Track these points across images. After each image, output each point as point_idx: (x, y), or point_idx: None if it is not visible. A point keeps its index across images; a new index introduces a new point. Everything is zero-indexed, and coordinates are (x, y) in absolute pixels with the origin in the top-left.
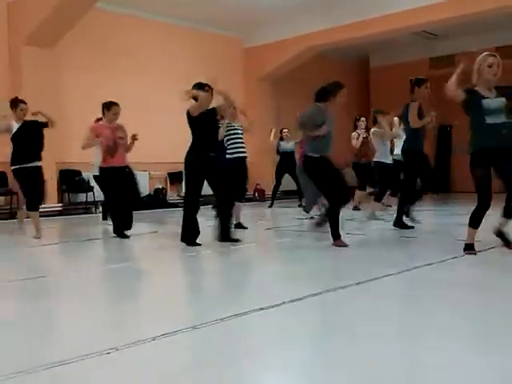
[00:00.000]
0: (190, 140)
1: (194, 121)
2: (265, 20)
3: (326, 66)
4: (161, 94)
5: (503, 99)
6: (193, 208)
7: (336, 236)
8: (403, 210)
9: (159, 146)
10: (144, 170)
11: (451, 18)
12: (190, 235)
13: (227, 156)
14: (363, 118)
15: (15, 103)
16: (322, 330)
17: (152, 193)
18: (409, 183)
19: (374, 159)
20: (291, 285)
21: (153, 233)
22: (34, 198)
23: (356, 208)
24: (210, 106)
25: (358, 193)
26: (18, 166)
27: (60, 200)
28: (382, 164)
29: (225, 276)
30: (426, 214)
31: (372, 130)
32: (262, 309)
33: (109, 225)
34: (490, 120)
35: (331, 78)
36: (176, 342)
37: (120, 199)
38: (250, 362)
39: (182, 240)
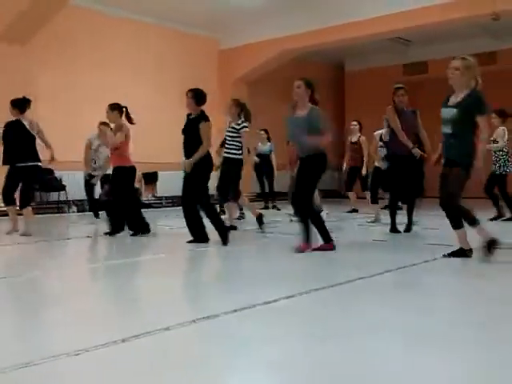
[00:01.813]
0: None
1: None
2: (242, 21)
3: (301, 69)
4: (135, 94)
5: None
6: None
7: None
8: (394, 214)
9: (134, 145)
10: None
11: (425, 25)
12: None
13: None
14: (355, 122)
15: None
16: (294, 332)
17: None
18: (392, 189)
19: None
20: (264, 287)
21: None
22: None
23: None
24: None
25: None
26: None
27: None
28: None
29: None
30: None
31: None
32: (235, 310)
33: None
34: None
35: None
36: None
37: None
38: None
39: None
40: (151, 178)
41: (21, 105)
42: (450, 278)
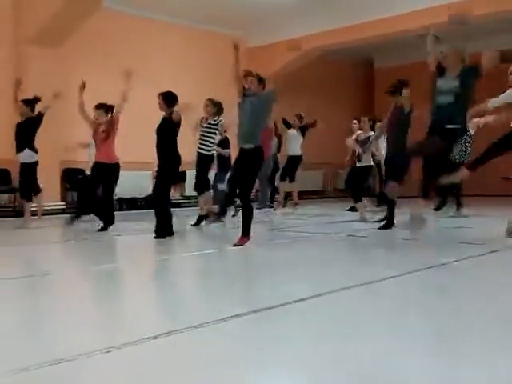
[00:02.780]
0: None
1: None
2: (269, 20)
3: (330, 66)
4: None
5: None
6: None
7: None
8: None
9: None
10: (147, 170)
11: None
12: None
13: None
14: (355, 121)
15: None
16: (321, 331)
17: None
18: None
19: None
20: (293, 285)
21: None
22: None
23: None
24: None
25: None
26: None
27: (63, 199)
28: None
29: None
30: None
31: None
32: (265, 309)
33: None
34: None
35: (335, 78)
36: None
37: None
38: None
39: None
40: (179, 178)
41: (33, 103)
42: (482, 277)
